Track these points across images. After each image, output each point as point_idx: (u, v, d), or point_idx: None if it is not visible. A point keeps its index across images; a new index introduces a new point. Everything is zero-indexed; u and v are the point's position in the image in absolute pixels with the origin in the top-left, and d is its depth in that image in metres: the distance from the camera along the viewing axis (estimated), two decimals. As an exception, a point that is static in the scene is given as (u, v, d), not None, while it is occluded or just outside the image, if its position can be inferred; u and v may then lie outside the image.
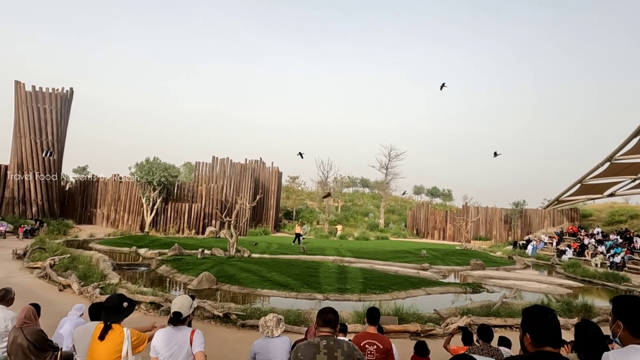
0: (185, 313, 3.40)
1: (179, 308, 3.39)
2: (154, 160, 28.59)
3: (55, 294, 10.06)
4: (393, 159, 44.90)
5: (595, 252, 24.50)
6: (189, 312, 3.45)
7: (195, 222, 29.94)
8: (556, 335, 1.96)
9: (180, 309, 3.38)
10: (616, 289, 15.74)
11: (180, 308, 3.40)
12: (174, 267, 14.40)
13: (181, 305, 3.42)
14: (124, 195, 30.62)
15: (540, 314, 2.02)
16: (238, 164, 33.14)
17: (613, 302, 2.16)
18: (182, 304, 3.43)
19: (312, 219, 42.07)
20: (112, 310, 3.36)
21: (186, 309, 3.42)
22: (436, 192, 63.78)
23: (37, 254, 14.37)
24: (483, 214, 37.43)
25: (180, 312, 3.37)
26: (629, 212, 32.74)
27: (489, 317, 9.07)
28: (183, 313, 3.38)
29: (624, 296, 2.14)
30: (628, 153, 24.96)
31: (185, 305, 3.43)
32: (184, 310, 3.39)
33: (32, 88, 27.74)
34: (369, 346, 3.99)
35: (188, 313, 3.43)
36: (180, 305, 3.42)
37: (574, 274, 18.52)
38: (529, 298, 12.95)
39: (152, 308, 9.02)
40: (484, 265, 19.27)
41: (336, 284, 12.56)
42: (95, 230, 26.80)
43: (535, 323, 2.00)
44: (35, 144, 27.55)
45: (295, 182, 53.12)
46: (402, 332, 8.00)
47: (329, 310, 2.88)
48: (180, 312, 3.37)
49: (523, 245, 29.54)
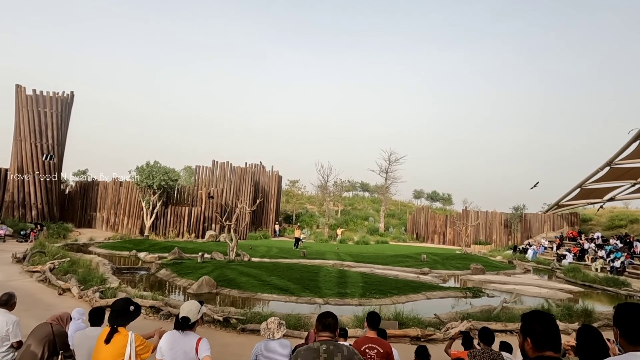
0: (193, 318, 3.38)
1: (187, 313, 3.37)
2: (154, 163, 28.61)
3: (54, 298, 10.05)
4: (393, 163, 44.97)
5: (595, 256, 24.48)
6: (197, 317, 3.43)
7: (195, 226, 29.92)
8: (556, 340, 1.98)
9: (188, 314, 3.36)
10: (616, 294, 15.71)
11: (189, 313, 3.37)
12: (173, 271, 14.39)
13: (189, 311, 3.39)
14: (124, 198, 30.60)
15: (540, 319, 2.03)
16: (238, 167, 33.17)
17: (615, 309, 2.17)
18: (190, 309, 3.41)
19: (312, 222, 42.03)
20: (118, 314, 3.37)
21: (194, 314, 3.40)
22: (436, 196, 63.79)
23: (36, 258, 14.35)
24: (483, 218, 37.42)
25: (188, 317, 3.35)
26: (629, 217, 32.75)
27: (489, 321, 9.06)
28: (191, 318, 3.36)
29: (625, 303, 2.14)
30: (628, 157, 24.94)
31: (193, 310, 3.41)
32: (192, 316, 3.37)
33: (32, 92, 27.80)
34: (369, 350, 3.99)
35: (196, 318, 3.41)
36: (189, 311, 3.39)
37: (574, 278, 18.51)
38: (529, 303, 12.93)
39: (152, 312, 9.01)
40: (484, 270, 19.26)
41: (336, 289, 12.55)
42: (95, 233, 26.80)
43: (536, 328, 2.01)
44: (36, 147, 27.57)
45: (295, 186, 53.13)
46: (402, 337, 8.00)
47: (328, 315, 2.88)
48: (189, 317, 3.35)
49: (523, 249, 29.52)
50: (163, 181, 27.72)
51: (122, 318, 3.36)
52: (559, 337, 2.00)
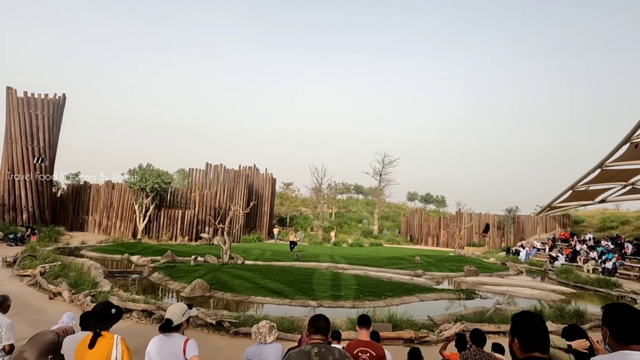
0: (177, 321, 3.40)
1: (171, 315, 3.40)
2: (147, 166, 28.45)
3: (45, 302, 9.93)
4: (387, 165, 45.10)
5: (587, 258, 24.66)
6: (181, 319, 3.44)
7: (188, 229, 29.77)
8: (544, 341, 1.99)
9: (172, 317, 3.39)
10: (608, 295, 15.84)
11: (172, 315, 3.40)
12: (166, 274, 14.28)
13: (173, 313, 3.42)
14: (116, 201, 30.37)
15: (528, 320, 2.05)
16: (232, 170, 33.08)
17: (603, 309, 2.20)
18: (174, 312, 3.43)
19: (306, 225, 41.98)
20: (100, 318, 3.34)
21: (178, 317, 3.41)
22: (430, 198, 64.07)
23: (27, 262, 14.19)
24: (476, 220, 37.60)
25: (171, 320, 3.38)
26: (619, 218, 33.06)
27: (482, 323, 9.08)
28: (174, 321, 3.39)
29: (613, 304, 2.18)
30: (618, 160, 25.29)
31: (177, 312, 3.43)
32: (175, 318, 3.40)
33: (24, 94, 27.55)
34: (362, 354, 3.97)
35: (180, 321, 3.42)
36: (173, 313, 3.42)
37: (566, 279, 18.62)
38: (522, 304, 12.99)
39: (145, 316, 8.93)
40: (477, 272, 19.33)
41: (330, 291, 12.53)
42: (87, 237, 26.54)
43: (524, 329, 2.03)
44: (27, 150, 27.30)
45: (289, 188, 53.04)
46: (395, 339, 7.99)
47: (320, 318, 2.88)
48: (171, 320, 3.38)
49: (516, 251, 29.67)
50: (156, 184, 27.56)
51: (104, 322, 3.34)
52: (547, 338, 2.02)
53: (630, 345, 1.95)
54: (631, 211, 36.14)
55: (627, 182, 26.86)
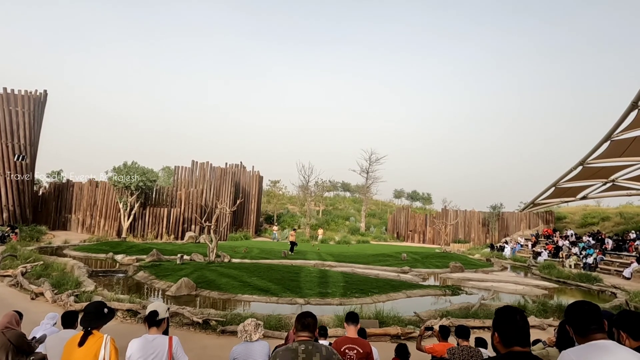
0: (162, 314, 3.36)
1: (156, 307, 3.37)
2: (132, 164, 28.02)
3: (27, 303, 9.71)
4: (374, 162, 45.29)
5: (569, 253, 25.19)
6: (165, 315, 3.40)
7: (174, 227, 29.44)
8: (524, 336, 2.04)
9: (157, 308, 3.35)
10: (589, 289, 16.21)
11: (157, 308, 3.36)
12: (152, 273, 14.12)
13: (157, 306, 3.39)
14: (100, 200, 29.86)
15: (509, 315, 2.09)
16: (218, 168, 32.82)
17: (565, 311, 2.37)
18: (158, 305, 3.41)
19: (294, 223, 41.94)
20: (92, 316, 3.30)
21: (163, 310, 3.39)
22: (416, 195, 64.60)
23: (7, 262, 13.87)
24: (462, 217, 38.06)
25: (156, 311, 3.32)
26: (600, 215, 33.87)
27: (467, 318, 9.22)
28: (160, 313, 3.34)
29: (572, 303, 2.34)
30: (599, 157, 25.85)
31: (162, 307, 3.41)
32: (160, 310, 3.35)
33: (3, 90, 26.82)
34: (349, 351, 3.99)
35: (164, 316, 3.39)
36: (157, 306, 3.39)
37: (549, 275, 19.00)
38: (506, 299, 13.22)
39: (129, 315, 8.81)
40: (462, 268, 19.58)
41: (317, 288, 12.55)
42: (70, 236, 26.04)
43: (504, 324, 2.08)
44: (7, 147, 26.61)
45: (276, 186, 52.84)
46: (382, 336, 8.05)
47: (308, 315, 2.88)
48: (157, 311, 3.33)
49: (500, 247, 30.15)
50: (141, 182, 27.18)
51: (95, 320, 3.30)
52: (527, 332, 2.07)
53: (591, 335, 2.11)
54: (611, 207, 37.08)
55: (607, 179, 27.49)
